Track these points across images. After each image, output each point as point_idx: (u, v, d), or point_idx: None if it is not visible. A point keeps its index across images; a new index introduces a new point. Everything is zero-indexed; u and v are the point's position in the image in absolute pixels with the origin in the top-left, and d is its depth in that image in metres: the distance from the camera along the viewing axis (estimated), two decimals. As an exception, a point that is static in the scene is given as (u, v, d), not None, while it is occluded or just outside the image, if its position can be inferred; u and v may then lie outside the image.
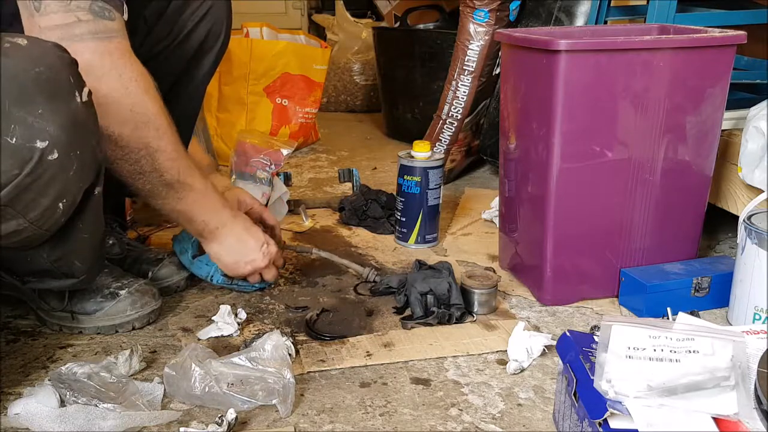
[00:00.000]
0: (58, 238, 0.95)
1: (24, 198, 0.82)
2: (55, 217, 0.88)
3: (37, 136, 0.80)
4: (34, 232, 0.87)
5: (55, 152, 0.82)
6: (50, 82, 0.81)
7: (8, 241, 0.87)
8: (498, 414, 0.93)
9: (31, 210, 0.84)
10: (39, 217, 0.86)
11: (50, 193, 0.85)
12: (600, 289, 1.25)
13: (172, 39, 1.18)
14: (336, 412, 0.93)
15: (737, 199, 1.31)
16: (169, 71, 1.21)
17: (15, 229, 0.85)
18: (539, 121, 1.16)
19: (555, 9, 1.80)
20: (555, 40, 1.09)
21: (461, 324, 1.16)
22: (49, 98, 0.81)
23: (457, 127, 1.87)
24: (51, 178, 0.83)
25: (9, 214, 0.83)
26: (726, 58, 1.19)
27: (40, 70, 0.80)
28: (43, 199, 0.85)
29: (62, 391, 0.90)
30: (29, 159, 0.80)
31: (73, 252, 1.00)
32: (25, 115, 0.79)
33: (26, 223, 0.85)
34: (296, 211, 1.67)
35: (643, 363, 0.76)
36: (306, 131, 2.31)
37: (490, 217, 1.63)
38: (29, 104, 0.79)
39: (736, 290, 1.14)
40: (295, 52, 2.19)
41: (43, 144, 0.80)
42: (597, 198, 1.19)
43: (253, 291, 1.27)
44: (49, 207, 0.86)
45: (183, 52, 1.21)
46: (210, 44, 1.22)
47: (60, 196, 0.86)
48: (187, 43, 1.20)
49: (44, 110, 0.80)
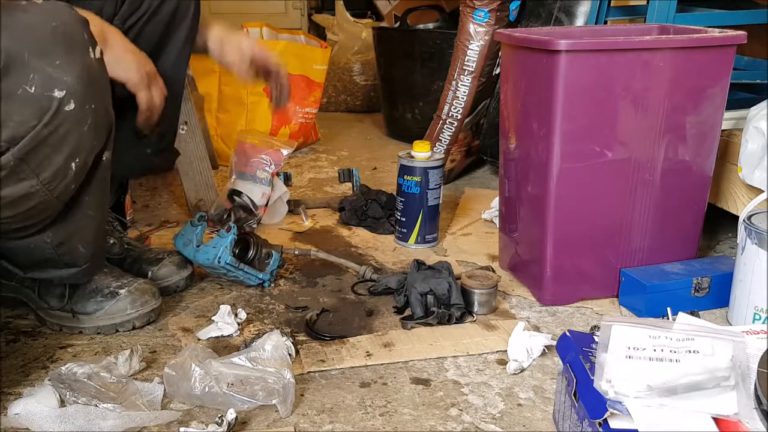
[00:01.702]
0: (63, 218, 0.96)
1: (40, 152, 0.84)
2: (66, 180, 0.90)
3: (55, 85, 0.83)
4: (45, 197, 0.89)
5: (72, 103, 0.85)
6: (66, 36, 0.84)
7: (18, 210, 0.88)
8: (498, 414, 0.93)
9: (45, 168, 0.86)
10: (51, 178, 0.88)
11: (64, 150, 0.87)
12: (600, 289, 1.25)
13: (143, 12, 1.18)
14: (336, 412, 0.93)
15: (737, 199, 1.31)
16: (144, 45, 1.20)
17: (27, 191, 0.87)
18: (539, 121, 1.16)
19: (555, 9, 1.80)
20: (555, 40, 1.10)
21: (461, 324, 1.16)
22: (66, 50, 0.84)
23: (457, 127, 1.87)
24: (67, 131, 0.86)
25: (23, 172, 0.85)
26: (726, 58, 1.19)
27: (57, 24, 0.84)
28: (57, 156, 0.87)
29: (62, 391, 0.90)
30: (47, 108, 0.83)
31: (77, 234, 1.01)
32: (43, 65, 0.82)
33: (38, 185, 0.87)
34: (296, 211, 1.67)
35: (643, 363, 0.76)
36: (306, 131, 2.31)
37: (490, 217, 1.63)
38: (47, 55, 0.82)
39: (736, 290, 1.14)
40: (295, 52, 2.19)
41: (60, 93, 0.83)
42: (597, 198, 1.19)
43: (256, 284, 1.27)
44: (62, 166, 0.88)
45: (155, 26, 1.21)
46: (181, 15, 1.22)
47: (73, 154, 0.88)
48: (158, 15, 1.20)
49: (62, 61, 0.83)
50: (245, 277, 1.26)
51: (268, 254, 1.29)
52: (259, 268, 1.27)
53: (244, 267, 1.25)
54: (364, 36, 2.88)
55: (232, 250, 1.22)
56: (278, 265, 1.29)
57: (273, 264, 1.28)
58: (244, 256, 1.27)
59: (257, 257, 1.28)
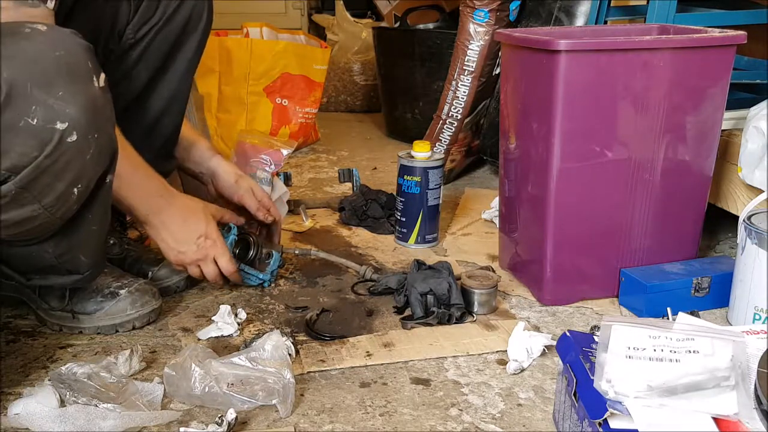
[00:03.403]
0: (65, 231, 0.96)
1: (41, 181, 0.84)
2: (69, 203, 0.89)
3: (58, 117, 0.82)
4: (47, 219, 0.88)
5: (74, 134, 0.83)
6: (70, 66, 0.83)
7: (20, 229, 0.88)
8: (498, 414, 0.93)
9: (47, 195, 0.85)
10: (54, 202, 0.87)
11: (67, 177, 0.86)
12: (600, 289, 1.25)
13: (157, 20, 1.18)
14: (336, 412, 0.93)
15: (737, 199, 1.31)
16: (155, 53, 1.21)
17: (29, 215, 0.86)
18: (539, 121, 1.16)
19: (555, 9, 1.80)
20: (555, 40, 1.10)
21: (461, 324, 1.16)
22: (69, 81, 0.83)
23: (457, 127, 1.87)
24: (69, 161, 0.85)
25: (25, 199, 0.84)
26: (726, 58, 1.19)
27: (60, 53, 0.82)
28: (59, 184, 0.86)
29: (62, 391, 0.90)
30: (49, 140, 0.82)
31: (79, 246, 1.01)
32: (45, 97, 0.80)
33: (40, 209, 0.86)
34: (296, 211, 1.67)
35: (643, 363, 0.76)
36: (306, 131, 2.31)
37: (490, 217, 1.63)
38: (50, 86, 0.81)
39: (736, 290, 1.14)
40: (295, 52, 2.19)
41: (63, 125, 0.82)
42: (597, 198, 1.19)
43: (256, 284, 1.27)
44: (64, 192, 0.87)
45: (168, 34, 1.21)
46: (194, 24, 1.22)
47: (76, 181, 0.87)
48: (171, 24, 1.20)
49: (64, 92, 0.82)
50: (245, 278, 1.26)
51: (268, 254, 1.28)
52: (260, 268, 1.27)
53: (245, 267, 1.25)
54: (364, 36, 2.88)
55: (232, 250, 1.22)
56: (279, 265, 1.29)
57: (273, 264, 1.28)
58: (244, 256, 1.26)
59: (257, 257, 1.28)
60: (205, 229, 1.16)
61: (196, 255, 1.16)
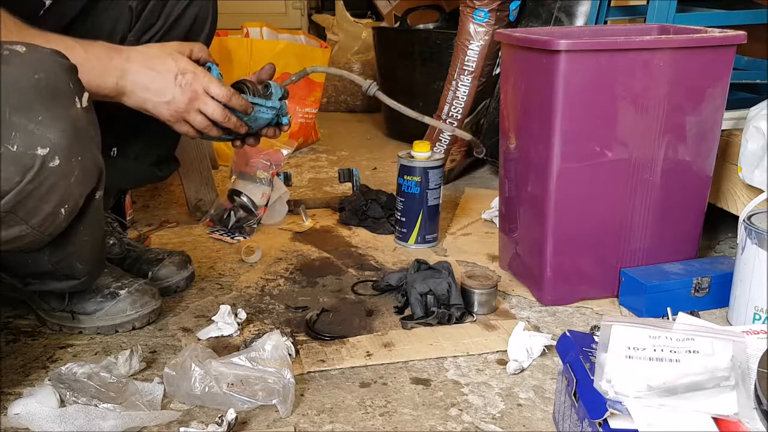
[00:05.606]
0: (59, 241, 0.95)
1: (26, 205, 0.82)
2: (57, 222, 0.88)
3: (38, 143, 0.80)
4: (36, 237, 0.87)
5: (57, 159, 0.82)
6: (50, 88, 0.81)
7: (10, 246, 0.87)
8: (498, 414, 0.93)
9: (33, 216, 0.84)
10: (41, 222, 0.86)
11: (52, 200, 0.85)
12: (600, 289, 1.25)
13: (160, 26, 1.17)
14: (336, 412, 0.93)
15: (737, 199, 1.31)
16: None
17: (17, 234, 0.85)
18: (539, 121, 1.16)
19: (555, 9, 1.80)
20: (555, 40, 1.10)
21: (461, 324, 1.16)
22: (50, 104, 0.81)
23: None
24: (52, 185, 0.83)
25: (12, 221, 0.83)
26: (726, 58, 1.19)
27: (40, 76, 0.80)
28: (45, 206, 0.84)
29: (62, 391, 0.90)
30: (31, 166, 0.80)
31: (75, 254, 1.00)
32: (25, 122, 0.78)
33: (29, 229, 0.85)
34: (296, 211, 1.67)
35: (643, 363, 0.76)
36: (306, 131, 2.31)
37: (490, 217, 1.63)
38: (29, 111, 0.79)
39: (736, 290, 1.14)
40: (295, 52, 2.19)
41: (44, 151, 0.80)
42: (597, 198, 1.19)
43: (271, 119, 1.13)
44: (51, 213, 0.86)
45: (171, 39, 1.20)
46: (198, 29, 1.21)
47: (62, 202, 0.86)
48: (175, 30, 1.19)
49: (44, 117, 0.80)
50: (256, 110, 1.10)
51: (265, 86, 1.14)
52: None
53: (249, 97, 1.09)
54: (364, 36, 2.88)
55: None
56: (282, 95, 1.15)
57: (276, 91, 1.14)
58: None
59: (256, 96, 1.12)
60: (175, 65, 1.04)
61: (184, 96, 1.03)
